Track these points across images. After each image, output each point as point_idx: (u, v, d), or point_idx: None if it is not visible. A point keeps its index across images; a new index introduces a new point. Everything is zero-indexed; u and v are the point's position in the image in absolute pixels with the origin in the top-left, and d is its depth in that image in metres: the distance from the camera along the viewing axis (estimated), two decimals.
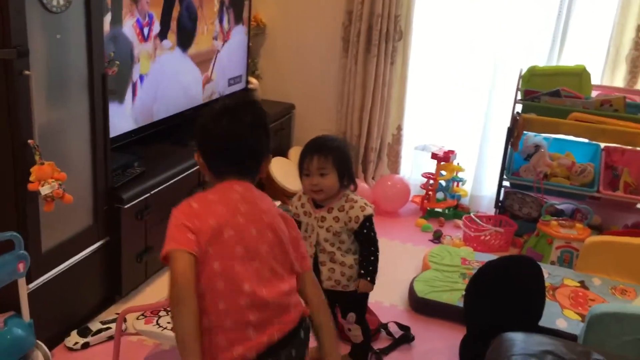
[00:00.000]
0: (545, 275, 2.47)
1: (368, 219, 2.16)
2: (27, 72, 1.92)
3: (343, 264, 2.19)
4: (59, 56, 2.12)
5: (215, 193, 1.53)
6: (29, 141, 1.99)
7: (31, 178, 1.99)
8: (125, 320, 2.37)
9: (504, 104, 3.68)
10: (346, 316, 2.28)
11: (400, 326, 2.63)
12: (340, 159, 2.13)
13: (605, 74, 3.55)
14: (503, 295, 2.37)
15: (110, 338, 2.40)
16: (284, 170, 3.85)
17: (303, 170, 2.14)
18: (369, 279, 2.19)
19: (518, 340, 1.91)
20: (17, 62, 1.89)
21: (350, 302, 2.26)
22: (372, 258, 2.19)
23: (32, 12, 1.94)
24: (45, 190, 1.99)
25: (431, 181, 3.82)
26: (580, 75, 3.43)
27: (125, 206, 2.51)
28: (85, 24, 2.18)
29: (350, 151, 2.22)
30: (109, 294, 2.62)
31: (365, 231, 2.16)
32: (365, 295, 2.29)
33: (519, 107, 3.44)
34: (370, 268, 2.19)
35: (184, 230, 1.43)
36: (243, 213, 1.51)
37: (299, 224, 2.22)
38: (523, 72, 3.49)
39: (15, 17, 1.87)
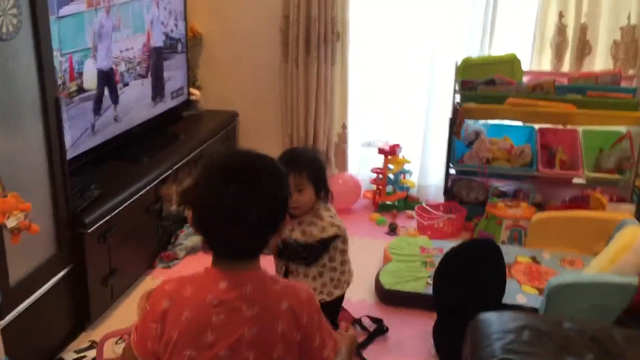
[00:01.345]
0: None
1: (323, 241, 2.15)
2: None
3: (306, 275, 2.21)
4: (11, 83, 2.06)
5: (194, 285, 1.29)
6: None
7: None
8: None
9: (443, 96, 3.83)
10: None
11: (373, 319, 2.71)
12: (316, 173, 2.13)
13: (534, 59, 3.76)
14: (468, 278, 2.49)
15: None
16: None
17: None
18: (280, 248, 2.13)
19: (494, 319, 2.03)
20: None
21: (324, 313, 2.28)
22: (299, 252, 2.16)
23: None
24: (11, 222, 1.93)
25: (380, 175, 3.92)
26: (511, 62, 3.62)
27: (88, 230, 2.46)
28: (34, 48, 2.13)
29: (324, 162, 2.25)
30: (78, 322, 2.56)
31: (314, 245, 2.16)
32: (331, 305, 2.28)
33: (458, 98, 3.60)
34: (290, 249, 2.14)
35: (147, 331, 1.30)
36: (215, 327, 1.25)
37: None
38: (458, 64, 3.65)
39: None
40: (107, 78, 2.94)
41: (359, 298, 2.92)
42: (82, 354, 2.39)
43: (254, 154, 1.34)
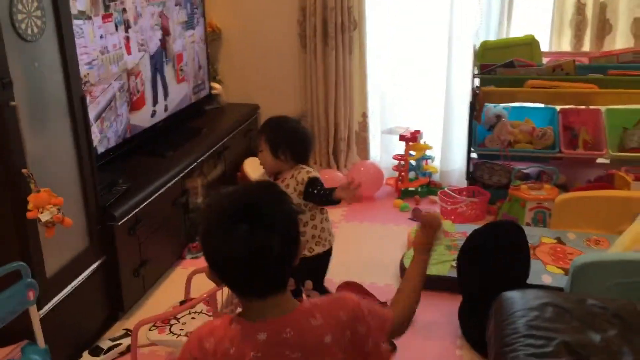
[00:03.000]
0: None
1: (313, 179, 2.25)
2: (13, 103, 1.94)
3: None
4: (39, 83, 2.13)
5: (234, 342, 1.21)
6: (23, 170, 2.00)
7: (29, 206, 2.00)
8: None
9: (462, 80, 3.83)
10: (303, 284, 2.40)
11: None
12: (271, 136, 2.27)
13: (553, 40, 3.74)
14: (492, 259, 2.51)
15: (122, 354, 2.44)
16: (257, 168, 3.90)
17: None
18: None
19: (517, 297, 2.05)
20: (2, 94, 1.91)
21: (303, 270, 2.25)
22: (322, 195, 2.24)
23: (10, 43, 1.95)
24: (45, 216, 2.01)
25: (402, 162, 3.94)
26: (530, 44, 3.61)
27: (118, 223, 2.54)
28: (59, 49, 2.20)
29: (288, 127, 2.31)
30: (112, 312, 2.64)
31: (315, 191, 2.23)
32: (317, 263, 2.38)
33: (477, 82, 3.60)
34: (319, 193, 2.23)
35: None
36: None
37: None
38: (477, 48, 3.64)
39: None
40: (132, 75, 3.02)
41: (385, 282, 2.96)
42: (117, 342, 2.47)
43: (255, 189, 1.30)
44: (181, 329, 2.20)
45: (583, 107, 3.70)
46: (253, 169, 3.86)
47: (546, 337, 1.78)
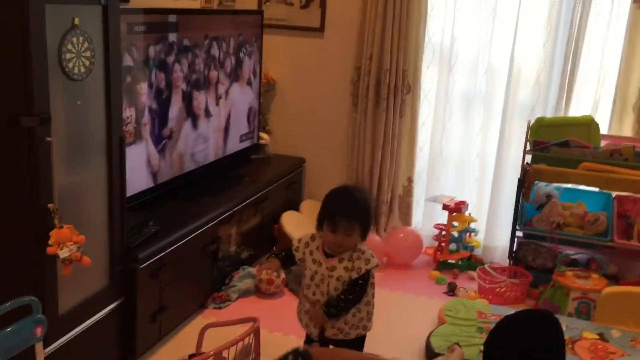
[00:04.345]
0: (564, 328, 2.42)
1: (368, 272, 2.21)
2: (48, 139, 1.97)
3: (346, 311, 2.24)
4: (79, 121, 2.17)
5: None
6: (49, 205, 2.02)
7: (50, 241, 2.00)
8: None
9: (514, 155, 3.71)
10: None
11: None
12: (366, 221, 2.19)
13: (613, 123, 3.58)
14: (522, 351, 2.33)
15: None
16: (294, 223, 3.86)
17: (328, 225, 2.15)
18: (327, 311, 2.17)
19: None
20: (39, 129, 1.94)
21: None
22: (346, 301, 2.18)
23: (55, 80, 2.00)
24: (63, 253, 2.01)
25: (443, 232, 3.81)
26: (588, 125, 3.47)
27: (141, 266, 2.52)
28: (104, 89, 2.24)
29: (373, 208, 2.31)
30: (121, 356, 2.59)
31: (360, 281, 2.19)
32: (363, 339, 2.34)
33: (528, 158, 3.47)
34: (338, 307, 2.18)
35: None
36: None
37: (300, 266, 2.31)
38: (531, 124, 3.53)
39: (38, 85, 1.93)
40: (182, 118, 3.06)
41: (408, 359, 2.81)
42: None
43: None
44: None
45: None
46: (290, 223, 3.81)
47: None
